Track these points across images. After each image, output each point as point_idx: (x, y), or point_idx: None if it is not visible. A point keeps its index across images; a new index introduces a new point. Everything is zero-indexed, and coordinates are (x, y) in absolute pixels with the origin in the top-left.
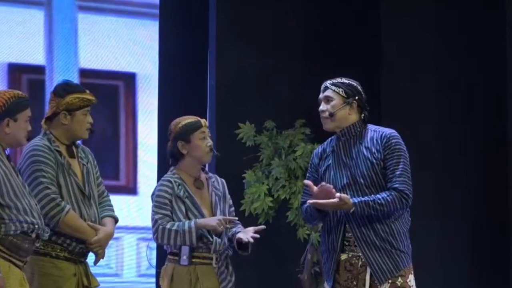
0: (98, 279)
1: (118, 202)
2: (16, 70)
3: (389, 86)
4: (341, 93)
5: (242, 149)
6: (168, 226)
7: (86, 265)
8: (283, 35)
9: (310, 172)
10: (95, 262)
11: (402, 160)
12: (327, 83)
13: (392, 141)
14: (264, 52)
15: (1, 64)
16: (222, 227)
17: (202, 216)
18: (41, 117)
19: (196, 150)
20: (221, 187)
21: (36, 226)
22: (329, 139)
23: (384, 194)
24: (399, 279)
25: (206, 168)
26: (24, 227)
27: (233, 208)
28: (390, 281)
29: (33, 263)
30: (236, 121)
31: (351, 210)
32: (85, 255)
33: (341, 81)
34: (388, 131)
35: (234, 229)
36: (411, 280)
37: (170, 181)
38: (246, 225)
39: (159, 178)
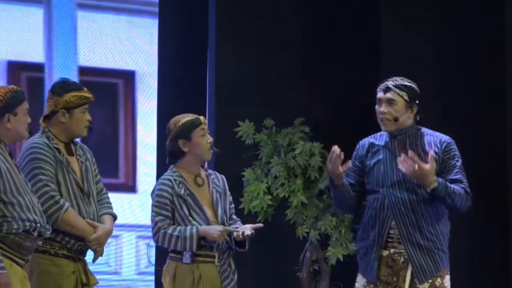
0: (97, 277)
1: (117, 200)
2: (15, 68)
3: None
4: (404, 97)
5: (241, 147)
6: (169, 231)
7: (85, 263)
8: (283, 34)
9: (353, 161)
10: (94, 260)
11: (459, 165)
12: (390, 84)
13: (452, 147)
14: (264, 51)
15: (0, 62)
16: (223, 238)
17: (204, 214)
18: (40, 115)
19: (197, 148)
20: (221, 183)
21: (38, 224)
22: (379, 133)
23: (458, 187)
24: (438, 279)
25: (206, 166)
26: (26, 225)
27: (233, 205)
28: (430, 280)
29: (32, 261)
30: (235, 119)
31: (432, 186)
32: (84, 253)
33: (403, 83)
34: (446, 136)
35: (232, 226)
36: (447, 281)
37: (170, 180)
38: (245, 223)
39: (158, 176)
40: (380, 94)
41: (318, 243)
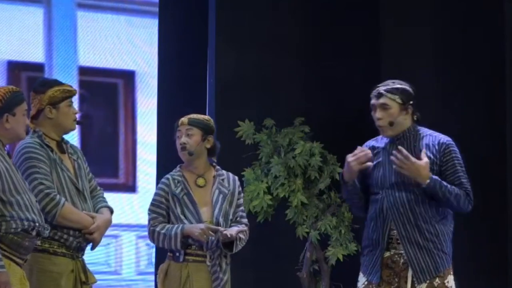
0: (97, 277)
1: (117, 199)
2: (15, 68)
3: None
4: (397, 100)
5: (241, 147)
6: (157, 229)
7: (83, 261)
8: (282, 34)
9: None
10: (93, 248)
11: (460, 168)
12: (381, 89)
13: (451, 148)
14: (264, 50)
15: (0, 62)
16: (205, 236)
17: (198, 214)
18: None
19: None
20: (232, 185)
21: (37, 224)
22: (380, 136)
23: (456, 188)
24: (437, 279)
25: (217, 166)
26: (25, 225)
27: (241, 208)
28: (427, 281)
29: (31, 260)
30: (235, 119)
31: (426, 181)
32: (82, 250)
33: (395, 86)
34: (444, 137)
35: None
36: (449, 281)
37: (169, 179)
38: None
39: (158, 175)
40: (373, 101)
41: (318, 243)
